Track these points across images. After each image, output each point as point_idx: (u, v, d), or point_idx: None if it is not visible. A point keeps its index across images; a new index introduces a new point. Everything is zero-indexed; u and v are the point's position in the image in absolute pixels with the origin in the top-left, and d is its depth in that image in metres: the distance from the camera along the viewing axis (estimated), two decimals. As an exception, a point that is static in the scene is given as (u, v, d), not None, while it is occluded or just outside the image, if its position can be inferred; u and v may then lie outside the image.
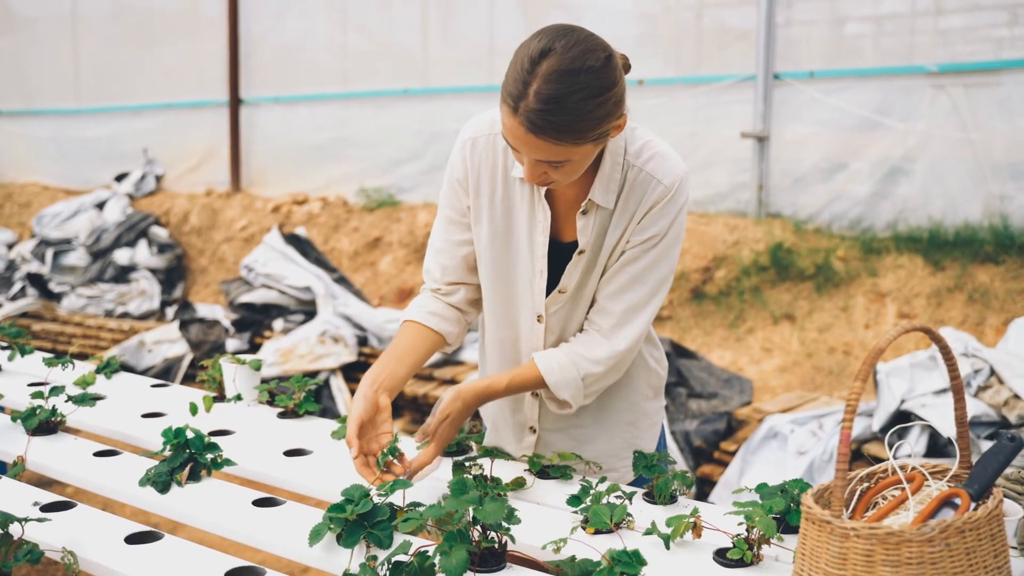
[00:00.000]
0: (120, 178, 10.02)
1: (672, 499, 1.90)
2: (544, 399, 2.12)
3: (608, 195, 1.96)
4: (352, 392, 6.20)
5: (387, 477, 1.85)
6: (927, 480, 1.51)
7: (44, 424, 2.26)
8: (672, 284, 6.61)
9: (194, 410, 2.37)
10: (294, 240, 7.85)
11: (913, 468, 1.53)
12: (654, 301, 2.03)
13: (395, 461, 1.89)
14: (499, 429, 2.26)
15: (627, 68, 1.85)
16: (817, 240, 6.53)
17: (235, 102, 9.51)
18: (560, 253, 2.03)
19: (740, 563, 1.61)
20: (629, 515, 1.76)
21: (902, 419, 4.22)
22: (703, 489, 4.75)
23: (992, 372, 4.21)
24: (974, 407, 4.01)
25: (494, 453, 2.07)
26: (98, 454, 2.15)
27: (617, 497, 1.81)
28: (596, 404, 2.16)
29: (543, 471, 2.06)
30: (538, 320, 2.07)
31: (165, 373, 6.93)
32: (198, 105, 9.85)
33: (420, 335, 2.08)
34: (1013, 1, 6.41)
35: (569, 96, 1.70)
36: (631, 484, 2.11)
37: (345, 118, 8.94)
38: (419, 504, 1.69)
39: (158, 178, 10.02)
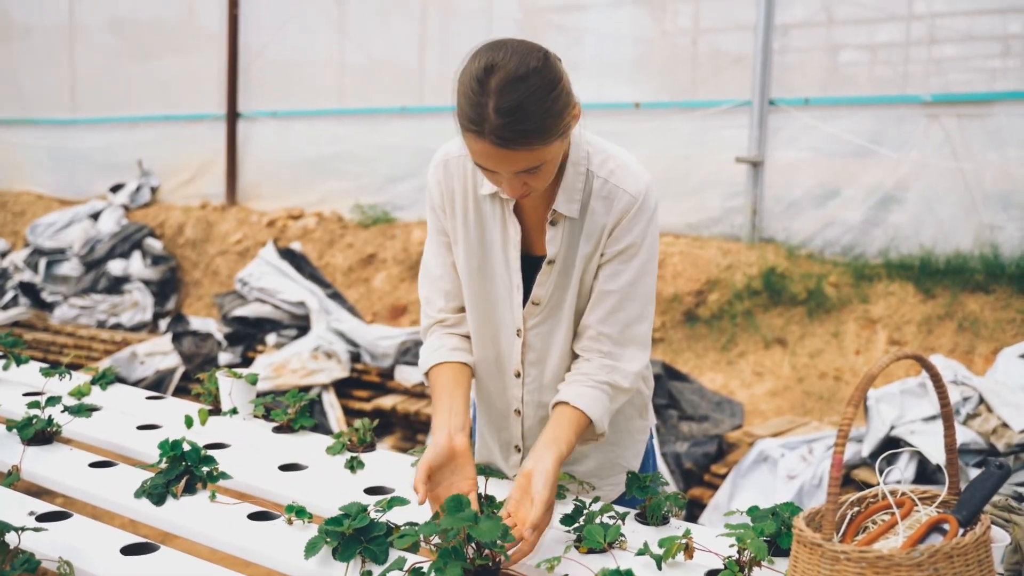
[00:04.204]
0: (115, 189, 10.03)
1: (664, 520, 1.91)
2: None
3: (572, 204, 1.97)
4: (344, 408, 6.21)
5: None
6: (916, 505, 1.53)
7: (40, 434, 2.26)
8: (664, 307, 6.67)
9: (189, 423, 2.38)
10: (289, 255, 7.86)
11: (903, 493, 1.55)
12: (647, 312, 2.02)
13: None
14: (488, 445, 2.27)
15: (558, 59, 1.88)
16: (809, 266, 6.57)
17: (232, 115, 9.53)
18: (534, 267, 2.04)
19: (731, 585, 1.62)
20: (622, 535, 1.77)
21: (891, 445, 4.24)
22: (693, 511, 4.76)
23: (981, 400, 4.24)
24: (963, 435, 4.04)
25: (488, 472, 2.09)
26: (93, 465, 2.15)
27: (610, 517, 1.83)
28: None
29: (536, 490, 2.07)
30: (517, 334, 2.08)
31: (157, 385, 6.92)
32: (195, 118, 9.87)
33: (459, 372, 2.05)
34: (1006, 33, 6.49)
35: (526, 101, 1.73)
36: (616, 503, 2.12)
37: (341, 134, 8.97)
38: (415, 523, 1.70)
39: (153, 190, 10.03)
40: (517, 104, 1.72)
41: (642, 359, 2.03)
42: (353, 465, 2.15)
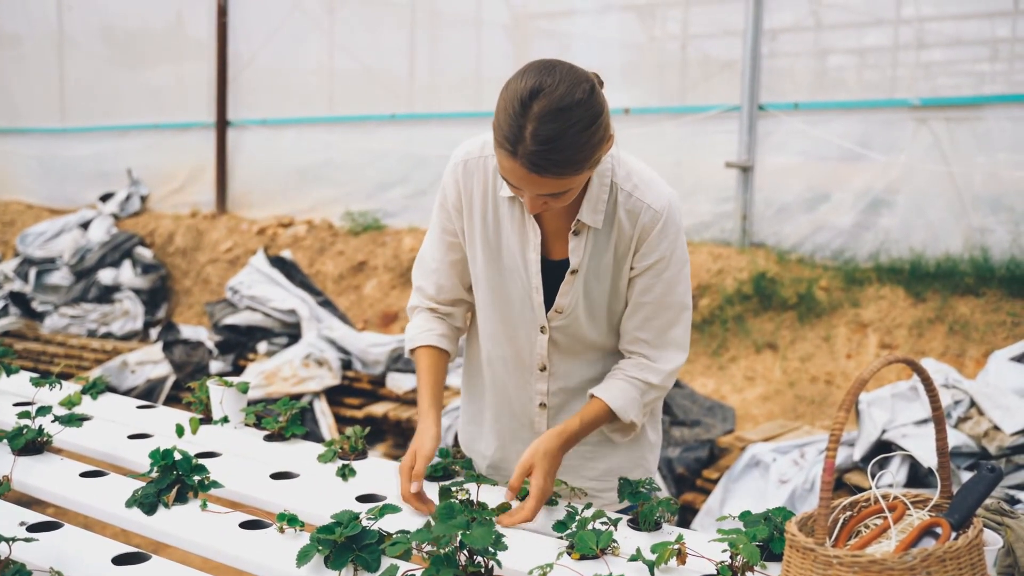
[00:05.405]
0: (105, 198, 10.00)
1: (657, 526, 1.91)
2: (608, 433, 2.18)
3: (596, 215, 2.00)
4: (336, 416, 6.19)
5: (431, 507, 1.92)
6: (909, 509, 1.53)
7: (30, 444, 2.25)
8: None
9: (180, 432, 2.37)
10: (279, 263, 7.85)
11: (895, 497, 1.55)
12: (683, 317, 2.10)
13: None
14: (505, 447, 2.28)
15: (600, 84, 1.89)
16: (800, 270, 6.58)
17: (222, 124, 9.52)
18: (551, 271, 2.07)
19: (724, 590, 1.62)
20: (614, 541, 1.77)
21: (883, 449, 4.24)
22: (685, 517, 4.75)
23: (972, 403, 4.25)
24: (954, 438, 4.05)
25: (480, 479, 2.08)
26: (84, 475, 2.14)
27: (603, 523, 1.83)
28: (597, 436, 2.20)
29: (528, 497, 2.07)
30: (541, 331, 2.11)
31: (148, 394, 6.90)
32: (184, 126, 9.86)
33: (443, 360, 2.20)
34: (994, 36, 6.51)
35: (565, 133, 1.74)
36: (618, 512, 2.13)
37: (331, 142, 8.96)
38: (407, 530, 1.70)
39: (143, 198, 10.01)
40: (555, 134, 1.73)
41: (679, 359, 2.11)
42: (345, 473, 2.14)
